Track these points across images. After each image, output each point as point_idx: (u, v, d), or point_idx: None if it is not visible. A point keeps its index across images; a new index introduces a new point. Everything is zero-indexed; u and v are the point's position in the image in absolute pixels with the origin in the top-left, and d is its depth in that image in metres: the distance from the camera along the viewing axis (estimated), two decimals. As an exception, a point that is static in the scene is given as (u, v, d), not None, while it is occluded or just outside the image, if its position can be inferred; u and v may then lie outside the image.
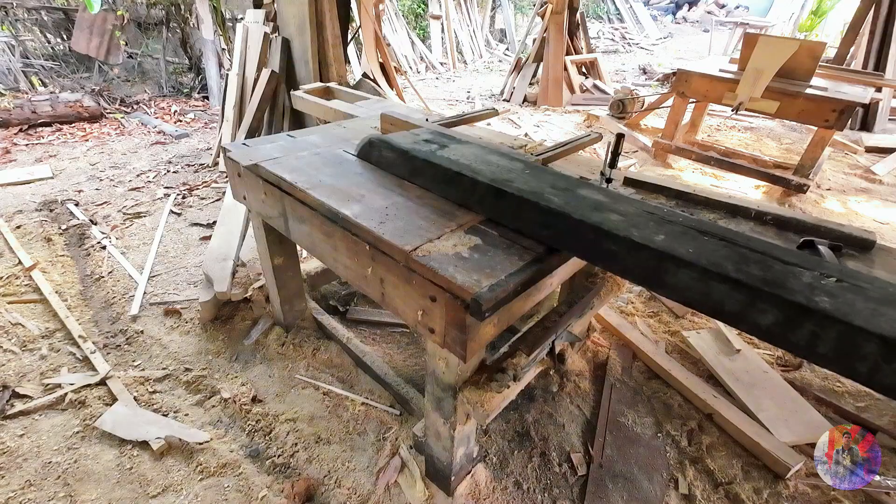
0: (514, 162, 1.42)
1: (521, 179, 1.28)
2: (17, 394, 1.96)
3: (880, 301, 0.82)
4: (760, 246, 0.98)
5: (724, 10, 15.00)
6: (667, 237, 1.00)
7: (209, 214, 3.46)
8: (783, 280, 0.87)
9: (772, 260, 0.93)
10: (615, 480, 1.69)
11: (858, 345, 0.76)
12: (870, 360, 0.75)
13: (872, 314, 0.78)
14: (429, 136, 1.64)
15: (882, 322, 0.76)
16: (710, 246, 0.98)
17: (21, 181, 3.85)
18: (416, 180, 1.49)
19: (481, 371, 1.35)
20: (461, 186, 1.34)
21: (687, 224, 1.07)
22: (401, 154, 1.52)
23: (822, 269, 0.91)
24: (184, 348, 2.27)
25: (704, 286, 0.90)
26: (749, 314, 0.86)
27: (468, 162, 1.39)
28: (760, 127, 5.57)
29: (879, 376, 0.76)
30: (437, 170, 1.40)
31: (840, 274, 0.90)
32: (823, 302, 0.81)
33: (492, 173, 1.32)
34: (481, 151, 1.50)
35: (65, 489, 1.62)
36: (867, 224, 3.55)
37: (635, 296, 2.67)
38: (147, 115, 5.76)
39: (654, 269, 0.97)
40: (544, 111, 6.23)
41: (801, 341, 0.82)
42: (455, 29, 9.71)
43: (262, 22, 3.84)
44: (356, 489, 1.66)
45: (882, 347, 0.74)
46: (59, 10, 6.60)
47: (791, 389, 2.01)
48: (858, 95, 3.37)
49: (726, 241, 0.99)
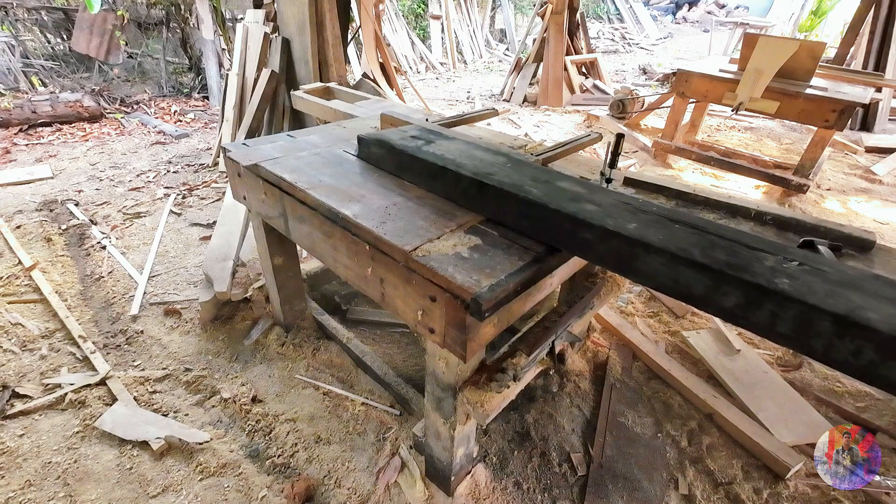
0: (498, 157, 1.46)
1: (502, 173, 1.32)
2: (17, 394, 1.96)
3: (838, 283, 0.85)
4: (729, 233, 1.02)
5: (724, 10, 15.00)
6: (639, 225, 1.04)
7: (209, 214, 3.46)
8: (747, 264, 0.90)
9: (738, 246, 0.97)
10: (615, 480, 1.69)
11: (814, 323, 0.80)
12: (824, 337, 0.80)
13: (828, 294, 0.82)
14: (416, 132, 1.67)
15: (836, 302, 0.80)
16: (679, 233, 1.02)
17: (21, 181, 3.85)
18: (403, 175, 1.53)
19: (481, 371, 1.35)
20: (446, 180, 1.38)
21: (660, 213, 1.11)
22: (389, 149, 1.55)
23: (786, 254, 0.94)
24: (184, 348, 2.26)
25: (673, 271, 0.94)
26: (714, 297, 0.91)
27: (453, 157, 1.43)
28: (760, 127, 5.58)
29: (833, 352, 0.80)
30: (423, 164, 1.43)
31: (803, 258, 0.93)
32: (783, 284, 0.84)
33: (475, 167, 1.35)
34: (467, 147, 1.53)
35: (65, 489, 1.62)
36: (867, 224, 3.55)
37: (635, 296, 2.67)
38: (147, 115, 5.76)
39: (626, 256, 1.02)
40: (544, 111, 6.23)
41: (763, 321, 0.86)
42: (455, 29, 9.71)
43: (262, 22, 3.84)
44: (356, 489, 1.66)
45: (835, 325, 0.78)
46: (59, 10, 6.60)
47: (791, 389, 2.01)
48: (858, 95, 3.37)
49: (697, 229, 1.03)
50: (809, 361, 2.21)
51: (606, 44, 11.52)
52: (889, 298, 0.82)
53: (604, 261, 1.08)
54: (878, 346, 0.75)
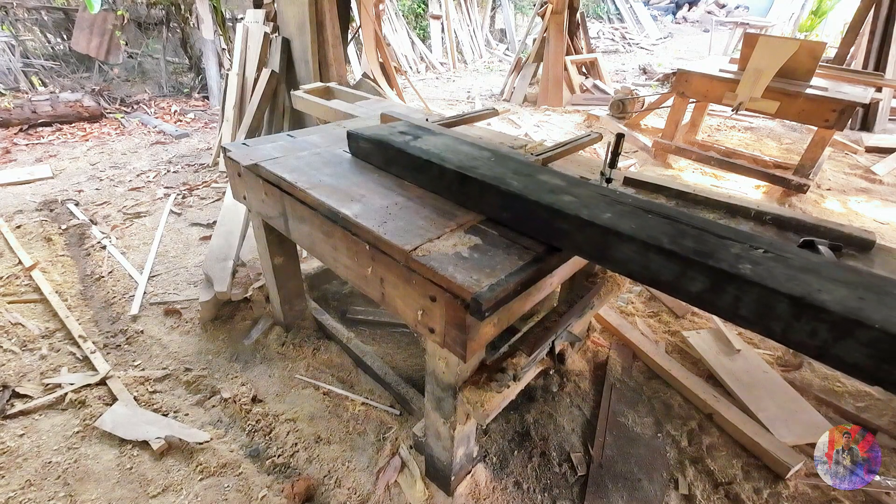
0: (483, 152, 1.48)
1: (485, 166, 1.35)
2: (18, 394, 1.96)
3: (799, 269, 0.89)
4: (699, 222, 1.06)
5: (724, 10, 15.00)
6: (613, 215, 1.08)
7: (209, 214, 3.46)
8: (713, 251, 0.94)
9: (707, 234, 1.00)
10: (615, 480, 1.69)
11: (773, 306, 0.84)
12: (783, 319, 0.83)
13: (787, 279, 0.85)
14: (405, 128, 1.71)
15: (794, 285, 0.83)
16: (652, 223, 1.05)
17: (21, 181, 3.86)
18: (391, 169, 1.58)
19: (481, 371, 1.35)
20: (430, 173, 1.42)
21: (635, 204, 1.14)
22: (376, 144, 1.59)
23: (752, 242, 0.98)
24: (184, 348, 2.27)
25: (643, 258, 0.98)
26: (681, 282, 0.94)
27: (438, 151, 1.46)
28: (760, 127, 5.57)
29: (790, 333, 0.83)
30: (410, 158, 1.47)
31: (769, 246, 0.96)
32: (746, 269, 0.88)
33: (459, 161, 1.38)
34: (453, 143, 1.56)
35: (65, 489, 1.62)
36: (867, 224, 3.55)
37: (635, 296, 2.67)
38: (147, 115, 5.76)
39: (600, 244, 1.06)
40: (544, 111, 6.23)
41: (726, 305, 0.90)
42: (455, 29, 9.71)
43: (262, 22, 3.84)
44: (356, 489, 1.66)
45: (792, 307, 0.81)
46: (59, 10, 6.60)
47: (791, 389, 2.01)
48: (858, 95, 3.36)
49: (669, 219, 1.07)
50: (809, 361, 2.21)
51: (606, 44, 11.52)
52: (845, 282, 0.85)
53: (580, 249, 1.12)
54: (832, 326, 0.78)
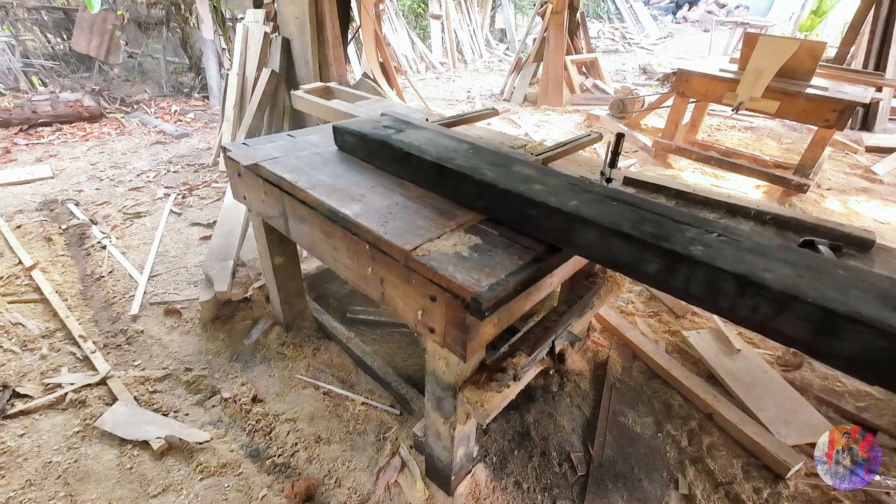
0: (462, 144, 1.54)
1: (462, 158, 1.40)
2: (18, 393, 1.96)
3: (748, 251, 0.94)
4: (659, 209, 1.11)
5: (724, 9, 14.99)
6: (579, 203, 1.13)
7: (209, 214, 3.46)
8: (669, 234, 0.99)
9: (666, 220, 1.06)
10: (615, 480, 1.69)
11: (720, 284, 0.89)
12: (729, 296, 0.89)
13: (735, 259, 0.90)
14: (389, 122, 1.76)
15: (740, 265, 0.88)
16: (615, 209, 1.10)
17: (21, 181, 3.86)
18: (374, 161, 1.63)
19: (481, 371, 1.35)
20: (410, 165, 1.47)
21: (602, 193, 1.19)
22: (360, 138, 1.64)
23: (708, 227, 1.03)
24: (184, 348, 2.27)
25: (605, 242, 1.04)
26: (639, 264, 1.00)
27: (419, 144, 1.51)
28: (761, 127, 5.57)
29: (736, 309, 0.89)
30: (391, 150, 1.52)
31: (723, 230, 1.02)
32: (697, 250, 0.93)
33: (437, 153, 1.43)
34: (434, 136, 1.61)
35: (65, 489, 1.62)
36: (867, 224, 3.54)
37: (635, 296, 2.67)
38: (147, 115, 5.76)
39: (565, 230, 1.12)
40: (544, 111, 6.23)
41: (679, 284, 0.96)
42: (455, 29, 9.71)
43: (262, 21, 3.83)
44: (356, 489, 1.66)
45: (737, 284, 0.87)
46: (59, 10, 6.60)
47: (791, 389, 2.01)
48: (859, 95, 3.36)
49: (632, 206, 1.12)
50: (810, 361, 2.21)
51: (607, 43, 11.52)
52: (788, 262, 0.90)
53: (547, 234, 1.18)
54: (771, 301, 0.83)
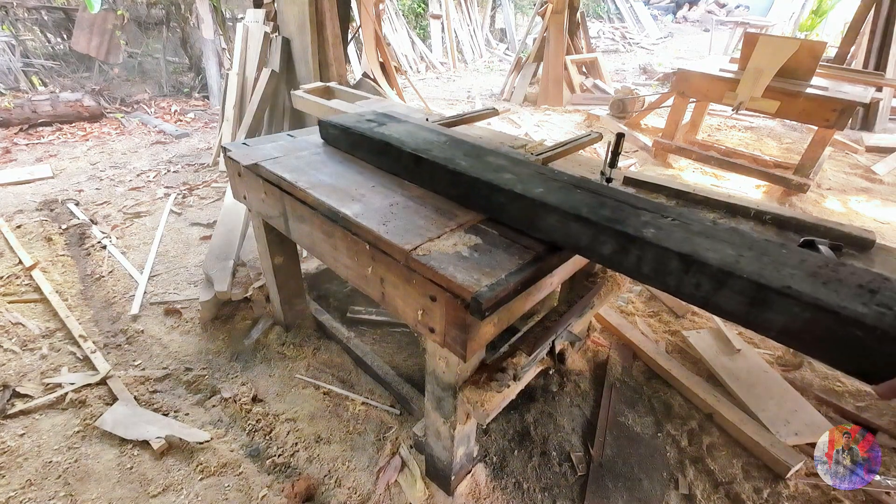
0: (440, 137, 1.60)
1: (438, 149, 1.46)
2: (18, 393, 1.96)
3: (697, 233, 1.00)
4: (619, 196, 1.18)
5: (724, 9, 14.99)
6: (545, 190, 1.19)
7: (209, 214, 3.46)
8: (624, 218, 1.06)
9: (624, 206, 1.12)
10: (615, 480, 1.69)
11: (667, 263, 0.96)
12: (675, 274, 0.95)
13: (682, 241, 0.97)
14: (372, 116, 1.81)
15: (685, 245, 0.95)
16: (578, 196, 1.17)
17: (21, 181, 3.86)
18: (356, 153, 1.69)
19: (481, 371, 1.35)
20: (390, 156, 1.54)
21: (569, 181, 1.26)
22: (343, 131, 1.70)
23: (663, 212, 1.09)
24: (184, 348, 2.27)
25: (566, 226, 1.11)
26: (595, 245, 1.07)
27: (398, 136, 1.56)
28: (761, 126, 5.57)
29: (682, 286, 0.95)
30: (372, 142, 1.58)
31: (677, 215, 1.08)
32: (648, 233, 1.00)
33: (415, 144, 1.49)
34: (414, 129, 1.67)
35: (65, 489, 1.62)
36: (868, 224, 3.54)
37: (635, 295, 2.67)
38: (147, 115, 5.76)
39: (531, 215, 1.18)
40: (544, 111, 6.23)
41: (631, 264, 1.02)
42: (455, 28, 9.71)
43: (263, 21, 3.83)
44: (356, 489, 1.66)
45: (681, 263, 0.93)
46: (59, 10, 6.60)
47: (791, 389, 2.01)
48: (859, 95, 3.36)
49: (594, 193, 1.19)
50: (810, 361, 2.21)
51: (607, 43, 11.51)
52: (732, 243, 0.96)
53: (514, 220, 1.24)
54: (712, 278, 0.90)
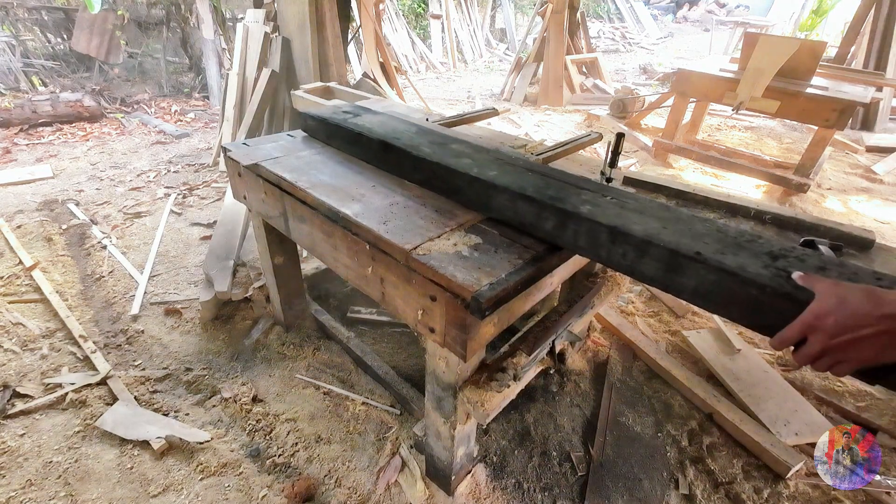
0: (410, 126, 1.68)
1: (406, 137, 1.55)
2: (18, 393, 1.96)
3: (630, 210, 1.09)
4: (569, 178, 1.28)
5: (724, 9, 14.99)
6: (498, 174, 1.29)
7: (209, 214, 3.46)
8: (565, 197, 1.15)
9: (569, 186, 1.22)
10: (615, 480, 1.69)
11: (599, 235, 1.04)
12: (605, 245, 1.05)
13: (614, 216, 1.06)
14: (349, 108, 1.92)
15: (615, 219, 1.04)
16: (528, 178, 1.27)
17: (22, 181, 3.86)
18: (332, 143, 1.78)
19: (481, 370, 1.35)
20: (361, 144, 1.62)
21: (524, 166, 1.36)
22: (320, 121, 1.78)
23: (603, 192, 1.19)
24: (184, 348, 2.27)
25: (514, 205, 1.21)
26: (539, 222, 1.16)
27: (371, 126, 1.65)
28: (761, 126, 5.57)
29: (611, 257, 1.05)
30: (345, 132, 1.67)
31: (615, 195, 1.17)
32: (584, 209, 1.09)
33: (385, 133, 1.57)
34: (387, 119, 1.76)
35: (65, 489, 1.62)
36: (868, 223, 3.54)
37: (636, 295, 2.67)
38: (147, 115, 5.76)
39: (484, 196, 1.28)
40: (544, 111, 6.23)
41: (569, 238, 1.12)
42: (455, 28, 9.71)
43: (263, 21, 3.84)
44: (356, 489, 1.66)
45: (610, 235, 1.02)
46: (59, 10, 6.60)
47: (791, 389, 2.01)
48: (859, 95, 3.36)
49: (543, 176, 1.29)
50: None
51: (607, 43, 11.51)
52: (659, 218, 1.05)
53: (470, 201, 1.33)
54: (635, 248, 0.99)
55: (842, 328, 0.70)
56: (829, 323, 0.71)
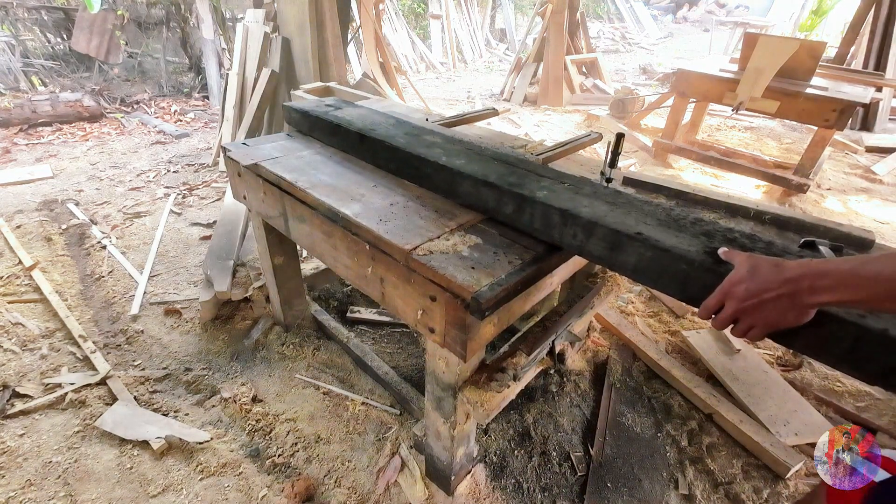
0: (388, 119, 1.75)
1: (382, 129, 1.62)
2: (18, 393, 1.96)
3: (584, 195, 1.17)
4: (530, 167, 1.36)
5: (724, 9, 15.00)
6: (466, 162, 1.36)
7: (209, 214, 3.46)
8: (524, 184, 1.23)
9: (530, 174, 1.30)
10: (615, 480, 1.69)
11: (552, 218, 1.12)
12: (558, 227, 1.12)
13: (567, 200, 1.14)
14: (332, 101, 2.00)
15: (567, 203, 1.12)
16: (493, 167, 1.35)
17: (21, 181, 3.86)
18: (315, 134, 1.85)
19: (481, 371, 1.35)
20: (340, 135, 1.70)
21: (492, 156, 1.44)
22: (303, 114, 1.86)
23: (562, 180, 1.27)
24: (184, 348, 2.27)
25: (477, 191, 1.28)
26: (500, 206, 1.24)
27: (350, 118, 1.72)
28: (761, 126, 5.57)
29: (563, 237, 1.12)
30: (325, 123, 1.75)
31: (572, 182, 1.26)
32: (540, 194, 1.16)
33: (362, 125, 1.65)
34: (367, 112, 1.83)
35: (65, 489, 1.62)
36: (867, 224, 3.54)
37: (635, 296, 2.67)
38: (147, 115, 5.76)
39: (451, 183, 1.35)
40: (544, 111, 6.23)
41: (525, 221, 1.19)
42: (455, 28, 9.71)
43: (263, 21, 3.84)
44: (356, 489, 1.66)
45: (561, 217, 1.10)
46: (59, 10, 6.60)
47: (791, 389, 2.01)
48: (859, 95, 3.36)
49: (507, 164, 1.37)
50: (810, 361, 2.21)
51: (607, 43, 11.52)
52: (610, 202, 1.13)
53: (438, 188, 1.41)
54: (583, 228, 1.06)
55: (750, 294, 0.77)
56: (741, 290, 0.78)
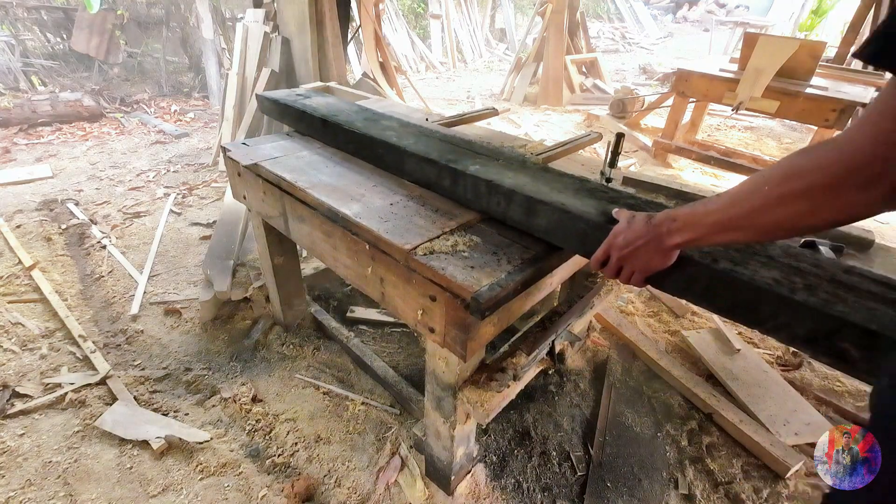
0: (352, 107, 1.89)
1: (344, 115, 1.74)
2: (18, 393, 1.96)
3: (513, 170, 1.30)
4: (475, 148, 1.48)
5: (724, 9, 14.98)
6: (414, 142, 1.48)
7: (209, 214, 3.46)
8: (461, 160, 1.35)
9: (469, 153, 1.42)
10: (615, 480, 1.69)
11: (480, 189, 1.26)
12: (485, 197, 1.26)
13: (494, 173, 1.28)
14: (302, 92, 2.13)
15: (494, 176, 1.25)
16: (436, 145, 1.47)
17: (21, 181, 3.85)
18: (285, 121, 2.00)
19: (481, 370, 1.35)
20: (306, 121, 1.84)
21: (440, 138, 1.55)
22: (273, 102, 1.99)
23: (497, 157, 1.40)
24: (184, 348, 2.27)
25: (420, 167, 1.41)
26: (439, 180, 1.37)
27: (316, 106, 1.85)
28: (760, 126, 5.57)
29: (490, 206, 1.25)
30: (293, 110, 1.88)
31: (506, 158, 1.39)
32: (472, 169, 1.29)
33: (328, 112, 1.78)
34: (335, 101, 1.95)
35: (65, 488, 1.62)
36: (867, 224, 3.53)
37: (635, 295, 2.67)
38: (147, 115, 5.76)
39: (399, 162, 1.47)
40: (544, 111, 6.23)
41: (460, 193, 1.33)
42: (455, 28, 9.70)
43: (262, 21, 3.83)
44: (356, 488, 1.66)
45: (487, 188, 1.23)
46: (58, 10, 6.60)
47: (791, 389, 2.01)
48: (859, 95, 3.36)
49: (451, 144, 1.50)
50: (809, 361, 2.21)
51: (606, 43, 11.51)
52: (532, 176, 1.25)
53: (388, 167, 1.54)
54: (505, 196, 1.20)
55: (627, 242, 0.90)
56: (620, 240, 0.91)
